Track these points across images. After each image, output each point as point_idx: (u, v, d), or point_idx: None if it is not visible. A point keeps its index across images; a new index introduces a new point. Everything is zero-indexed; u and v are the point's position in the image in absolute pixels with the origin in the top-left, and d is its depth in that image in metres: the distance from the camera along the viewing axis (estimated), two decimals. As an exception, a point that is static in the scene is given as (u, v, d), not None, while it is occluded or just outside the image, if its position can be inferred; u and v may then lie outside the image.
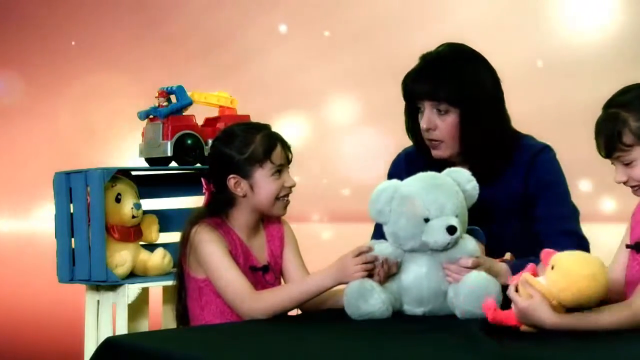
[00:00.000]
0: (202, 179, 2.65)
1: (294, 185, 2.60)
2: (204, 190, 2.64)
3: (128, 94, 5.84)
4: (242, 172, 2.56)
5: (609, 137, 2.16)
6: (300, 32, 5.69)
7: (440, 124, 2.57)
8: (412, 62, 2.64)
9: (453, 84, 2.54)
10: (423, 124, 2.59)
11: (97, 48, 6.26)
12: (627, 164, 2.18)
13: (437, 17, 5.20)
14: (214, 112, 3.40)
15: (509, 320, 2.11)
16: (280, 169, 2.58)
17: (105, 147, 6.14)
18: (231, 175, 2.57)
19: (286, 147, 2.60)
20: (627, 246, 2.25)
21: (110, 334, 3.02)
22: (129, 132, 4.28)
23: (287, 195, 2.60)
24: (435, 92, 2.55)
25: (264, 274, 2.62)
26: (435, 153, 2.61)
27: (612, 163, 2.22)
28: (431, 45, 2.66)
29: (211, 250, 2.52)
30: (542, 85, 4.89)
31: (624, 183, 2.21)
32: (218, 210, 2.61)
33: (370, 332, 2.17)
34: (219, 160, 2.60)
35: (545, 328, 2.04)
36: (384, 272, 2.35)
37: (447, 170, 2.44)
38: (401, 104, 2.68)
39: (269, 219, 2.67)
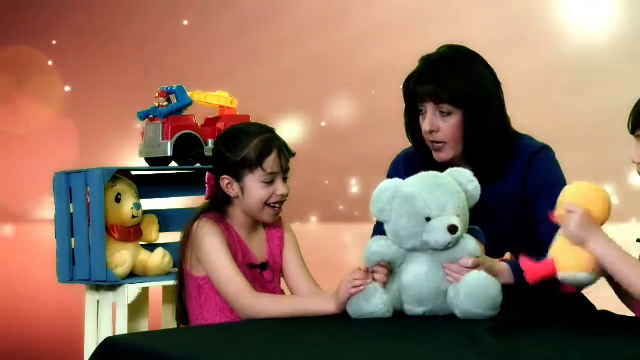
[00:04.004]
0: (207, 172, 2.65)
1: (285, 194, 2.59)
2: (206, 184, 2.64)
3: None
4: (234, 174, 2.57)
5: (638, 115, 2.20)
6: (302, 35, 5.69)
7: (443, 125, 2.57)
8: (413, 65, 2.64)
9: (456, 85, 2.54)
10: (426, 126, 2.58)
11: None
12: None
13: (439, 21, 5.20)
14: (214, 112, 3.40)
15: (547, 269, 2.13)
16: (273, 177, 2.56)
17: (105, 146, 6.14)
18: (224, 176, 2.58)
19: (283, 154, 2.58)
20: (638, 240, 2.29)
21: (110, 334, 3.02)
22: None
23: (278, 202, 2.59)
24: (438, 94, 2.55)
25: (262, 272, 2.62)
26: (438, 156, 2.60)
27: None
28: (434, 49, 2.65)
29: (213, 244, 2.52)
30: (549, 90, 4.89)
31: (638, 164, 2.26)
32: (218, 205, 2.61)
33: (371, 332, 2.16)
34: (216, 159, 2.62)
35: (589, 243, 2.07)
36: (383, 276, 2.34)
37: (449, 171, 2.44)
38: (401, 107, 2.68)
39: (268, 219, 2.67)
